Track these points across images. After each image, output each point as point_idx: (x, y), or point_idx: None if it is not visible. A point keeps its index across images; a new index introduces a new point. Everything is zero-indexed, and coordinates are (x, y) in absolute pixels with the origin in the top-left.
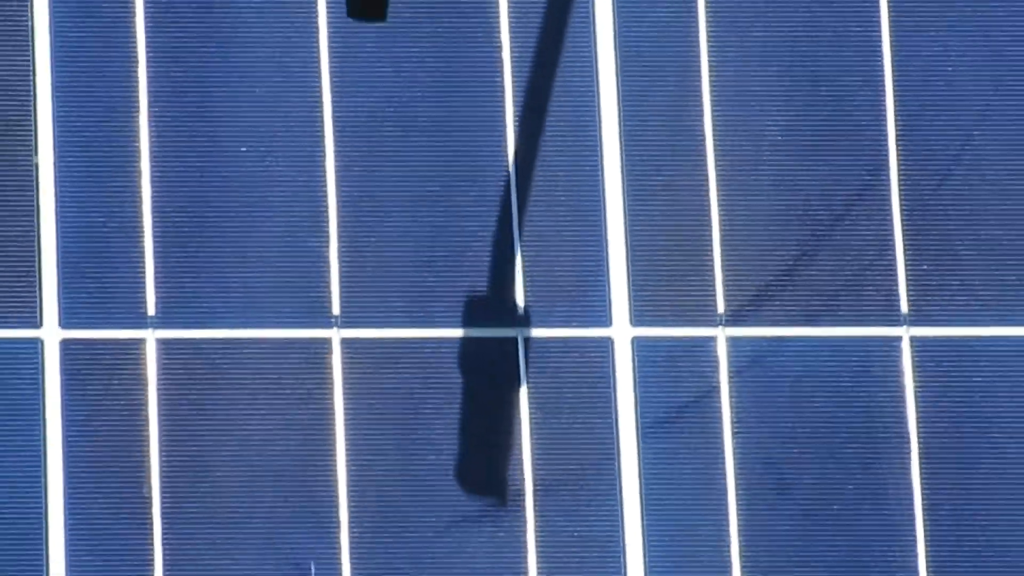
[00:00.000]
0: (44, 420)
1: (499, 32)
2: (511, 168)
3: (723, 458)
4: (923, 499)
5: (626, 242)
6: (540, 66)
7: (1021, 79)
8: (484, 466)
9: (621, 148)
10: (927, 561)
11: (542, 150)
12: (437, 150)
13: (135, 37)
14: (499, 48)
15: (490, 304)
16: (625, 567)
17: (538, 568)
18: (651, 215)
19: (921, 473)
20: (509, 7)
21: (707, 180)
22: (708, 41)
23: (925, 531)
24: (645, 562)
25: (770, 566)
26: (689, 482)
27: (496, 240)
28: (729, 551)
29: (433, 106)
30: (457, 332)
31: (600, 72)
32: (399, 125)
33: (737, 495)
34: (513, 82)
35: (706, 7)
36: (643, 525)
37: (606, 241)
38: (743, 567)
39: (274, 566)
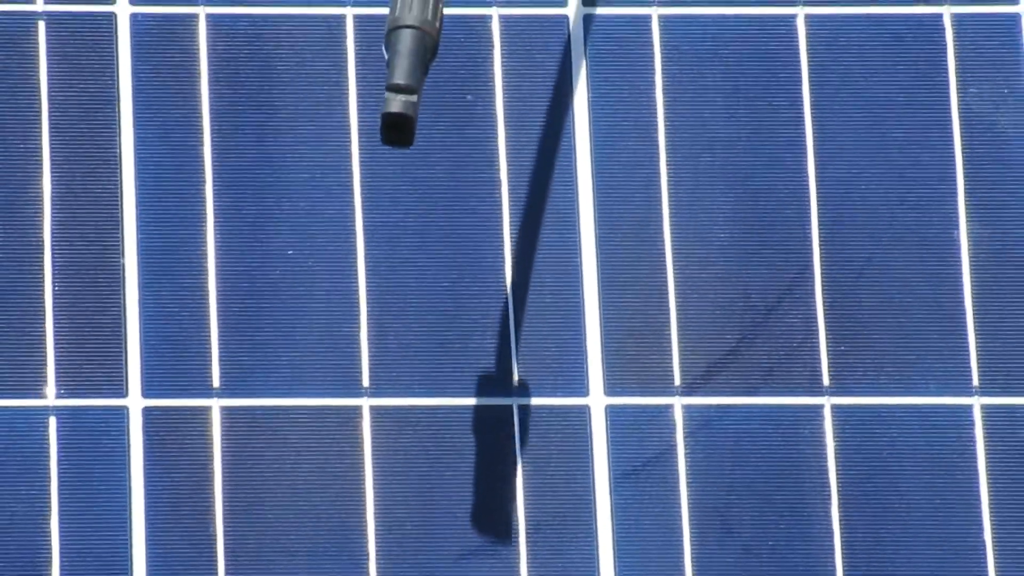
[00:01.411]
0: (129, 473)
1: (498, 160)
2: (508, 269)
3: (679, 504)
4: (841, 537)
5: (600, 329)
6: (531, 189)
7: (919, 196)
8: (486, 510)
9: (596, 253)
10: None
11: (533, 255)
12: (448, 254)
13: (204, 164)
14: (497, 171)
15: (491, 378)
16: None
17: None
18: (621, 306)
19: (840, 517)
20: (507, 142)
21: (667, 278)
22: (667, 168)
23: (843, 563)
24: None
25: None
26: (651, 524)
27: (496, 326)
28: None
29: (444, 219)
30: (465, 401)
31: (580, 195)
32: (417, 234)
33: (691, 534)
34: (510, 201)
35: (665, 141)
36: (614, 559)
37: (584, 328)
38: None
39: None
